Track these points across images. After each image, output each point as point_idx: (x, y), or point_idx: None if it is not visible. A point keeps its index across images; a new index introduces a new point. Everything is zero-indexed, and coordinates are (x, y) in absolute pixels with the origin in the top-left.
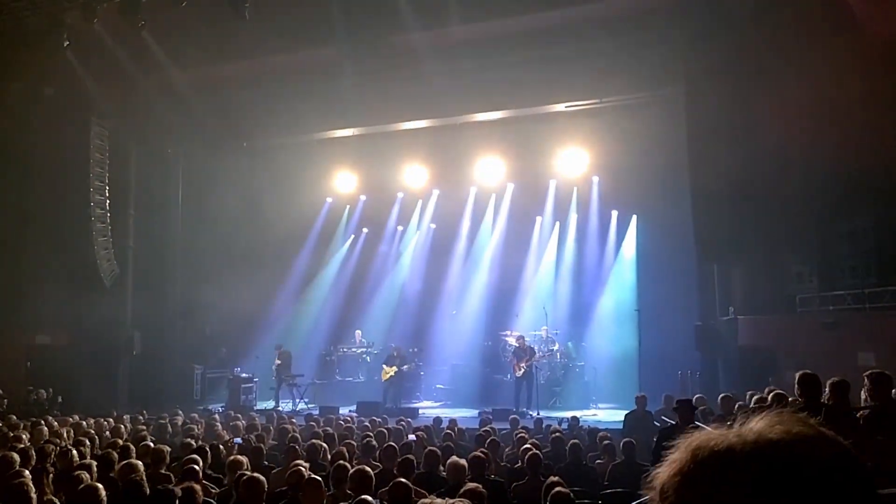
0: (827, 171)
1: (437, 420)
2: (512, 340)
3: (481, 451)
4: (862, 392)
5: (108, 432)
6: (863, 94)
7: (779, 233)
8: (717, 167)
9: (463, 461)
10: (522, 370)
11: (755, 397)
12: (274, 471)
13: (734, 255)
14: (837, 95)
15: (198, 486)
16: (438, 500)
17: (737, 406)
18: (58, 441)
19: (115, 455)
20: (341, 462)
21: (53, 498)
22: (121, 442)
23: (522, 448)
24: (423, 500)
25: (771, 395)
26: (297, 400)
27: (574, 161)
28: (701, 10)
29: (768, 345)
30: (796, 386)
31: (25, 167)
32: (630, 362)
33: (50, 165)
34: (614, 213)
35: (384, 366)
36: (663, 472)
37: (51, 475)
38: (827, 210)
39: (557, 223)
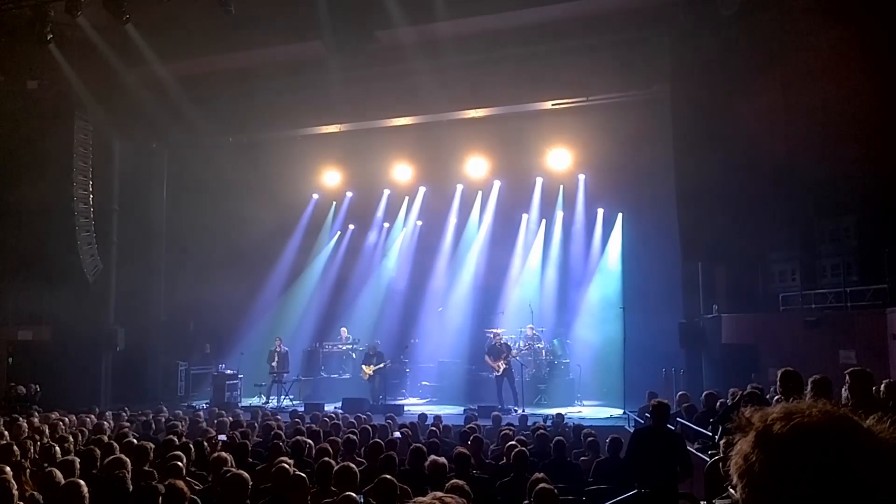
0: (810, 170)
1: (423, 417)
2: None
3: (465, 448)
4: (843, 389)
5: (90, 428)
6: (846, 94)
7: (762, 231)
8: (702, 165)
9: (443, 460)
10: (501, 368)
11: (737, 393)
12: (258, 468)
13: (718, 254)
14: (821, 95)
15: (181, 483)
16: (422, 498)
17: (719, 403)
18: (38, 437)
19: (98, 451)
20: (326, 459)
21: (35, 493)
22: (104, 438)
23: (507, 445)
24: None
25: (746, 393)
26: (282, 396)
27: (560, 159)
28: (686, 9)
29: (751, 342)
30: (778, 383)
31: (7, 161)
32: (615, 360)
33: (33, 160)
34: (600, 211)
35: (362, 365)
36: (743, 450)
37: (29, 471)
38: (810, 209)
39: (543, 221)
